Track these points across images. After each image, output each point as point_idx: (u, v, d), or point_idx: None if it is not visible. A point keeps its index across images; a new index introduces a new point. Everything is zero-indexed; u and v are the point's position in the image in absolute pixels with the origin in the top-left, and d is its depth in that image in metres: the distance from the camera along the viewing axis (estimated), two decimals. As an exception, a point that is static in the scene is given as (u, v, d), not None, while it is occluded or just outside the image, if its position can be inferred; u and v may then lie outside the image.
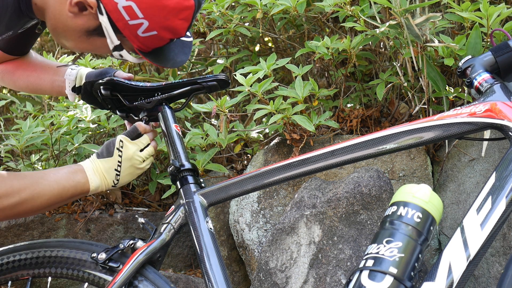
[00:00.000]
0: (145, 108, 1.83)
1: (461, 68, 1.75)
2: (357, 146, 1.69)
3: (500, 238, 2.04)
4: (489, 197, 1.57)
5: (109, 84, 1.81)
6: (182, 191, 1.77)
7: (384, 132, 1.68)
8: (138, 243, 1.74)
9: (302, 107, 2.21)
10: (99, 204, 2.54)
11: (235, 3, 2.49)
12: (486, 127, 1.64)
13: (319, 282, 1.99)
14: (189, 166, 1.78)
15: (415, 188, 1.69)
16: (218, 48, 2.87)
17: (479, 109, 1.64)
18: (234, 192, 1.76)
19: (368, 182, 2.05)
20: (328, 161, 1.70)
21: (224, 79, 1.81)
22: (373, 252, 1.63)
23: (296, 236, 2.05)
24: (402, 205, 1.66)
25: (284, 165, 1.73)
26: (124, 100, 1.83)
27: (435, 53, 2.18)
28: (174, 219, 1.75)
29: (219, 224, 2.37)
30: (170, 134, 1.82)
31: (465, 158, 2.20)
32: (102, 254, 1.73)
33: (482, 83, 1.70)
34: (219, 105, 2.25)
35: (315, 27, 2.61)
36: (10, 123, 3.14)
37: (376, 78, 2.43)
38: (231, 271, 2.37)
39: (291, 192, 2.27)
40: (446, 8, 2.26)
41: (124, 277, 1.68)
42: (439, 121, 1.66)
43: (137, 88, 1.82)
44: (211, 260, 1.67)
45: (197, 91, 1.83)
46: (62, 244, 1.80)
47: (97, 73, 1.87)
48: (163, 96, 1.82)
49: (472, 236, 1.54)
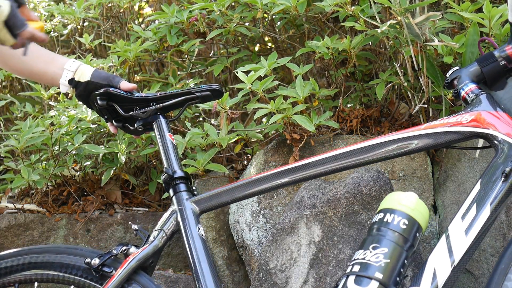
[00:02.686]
0: (140, 117, 1.87)
1: (448, 79, 1.78)
2: (342, 156, 1.73)
3: (500, 238, 2.04)
4: (474, 204, 1.61)
5: (105, 95, 1.84)
6: (174, 199, 1.81)
7: (370, 142, 1.73)
8: (131, 249, 1.77)
9: (303, 107, 2.21)
10: (99, 204, 2.54)
11: (235, 3, 2.49)
12: (472, 136, 1.69)
13: (319, 282, 1.99)
14: (181, 174, 1.82)
15: (402, 195, 1.72)
16: (218, 48, 2.86)
17: (465, 118, 1.68)
18: (225, 200, 1.80)
19: (368, 182, 2.05)
20: (318, 170, 1.74)
21: (217, 89, 1.85)
22: (360, 258, 1.66)
23: (296, 236, 2.05)
24: (389, 212, 1.69)
25: (274, 173, 1.77)
26: (120, 110, 1.86)
27: (435, 52, 2.18)
28: (167, 225, 1.78)
29: (219, 224, 2.37)
30: (164, 143, 1.85)
31: (465, 158, 2.20)
32: (95, 259, 1.75)
33: (469, 94, 1.73)
34: (219, 101, 2.25)
35: (315, 27, 2.61)
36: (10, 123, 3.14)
37: (376, 78, 2.42)
38: (231, 271, 2.37)
39: (291, 192, 2.27)
40: (446, 8, 2.26)
41: (117, 282, 1.71)
42: (427, 130, 1.70)
43: (133, 98, 1.85)
44: (202, 266, 1.71)
45: (191, 101, 1.86)
46: (53, 250, 1.83)
47: (104, 77, 1.87)
48: (158, 106, 1.86)
49: (456, 243, 1.59)
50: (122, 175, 2.54)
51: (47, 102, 2.78)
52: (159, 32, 2.60)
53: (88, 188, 2.59)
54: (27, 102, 2.83)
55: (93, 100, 1.86)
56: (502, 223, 2.04)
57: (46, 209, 2.51)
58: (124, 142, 2.45)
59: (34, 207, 2.53)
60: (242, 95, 2.31)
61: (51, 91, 2.68)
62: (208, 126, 2.32)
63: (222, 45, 2.78)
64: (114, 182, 2.62)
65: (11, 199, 2.67)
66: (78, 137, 2.43)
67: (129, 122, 1.90)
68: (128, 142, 2.46)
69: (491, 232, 2.06)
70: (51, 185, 2.60)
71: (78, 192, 2.59)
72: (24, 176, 2.42)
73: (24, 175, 2.42)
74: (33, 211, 2.51)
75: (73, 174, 2.62)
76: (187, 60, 2.78)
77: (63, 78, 1.88)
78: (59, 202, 2.58)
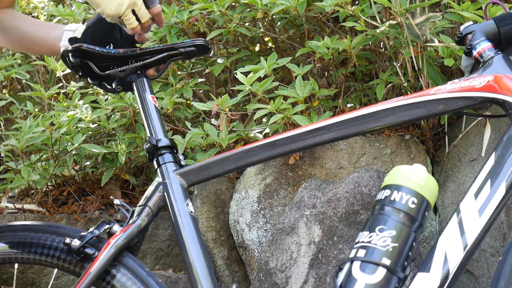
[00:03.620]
0: (118, 77, 1.71)
1: (461, 33, 1.62)
2: (348, 122, 1.57)
3: (500, 238, 2.04)
4: (488, 181, 1.45)
5: (78, 52, 1.68)
6: (159, 171, 1.65)
7: (376, 107, 1.56)
8: (114, 226, 1.62)
9: (303, 107, 2.21)
10: (99, 204, 2.54)
11: (235, 3, 2.49)
12: (485, 101, 1.51)
13: (319, 282, 1.99)
14: (166, 143, 1.65)
15: (410, 170, 1.58)
16: (218, 48, 2.87)
17: (478, 82, 1.51)
18: (216, 171, 1.63)
19: (368, 182, 2.05)
20: (317, 138, 1.58)
21: (203, 44, 1.69)
22: (365, 241, 1.54)
23: (296, 236, 2.05)
24: (396, 189, 1.56)
25: (269, 142, 1.61)
26: (95, 69, 1.69)
27: (435, 53, 2.18)
28: (152, 201, 1.64)
29: (219, 224, 2.37)
30: (145, 106, 1.68)
31: (465, 158, 2.20)
32: (75, 240, 1.60)
33: (483, 53, 1.57)
34: (219, 103, 2.26)
35: (315, 27, 2.61)
36: (10, 123, 3.14)
37: (376, 78, 2.43)
38: (231, 271, 2.37)
39: (291, 192, 2.27)
40: (446, 8, 2.26)
41: (101, 266, 1.58)
42: (436, 96, 1.53)
43: (109, 55, 1.68)
44: (191, 247, 1.57)
45: (174, 57, 1.70)
46: (34, 227, 1.69)
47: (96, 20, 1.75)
48: (138, 64, 1.69)
49: (469, 224, 1.44)
50: (122, 175, 2.54)
51: (47, 102, 2.78)
52: (159, 32, 2.60)
53: (88, 188, 2.59)
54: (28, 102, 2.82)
55: (65, 58, 1.71)
56: (502, 223, 2.04)
57: (46, 209, 2.51)
58: (124, 142, 2.45)
59: (34, 207, 2.53)
60: (242, 96, 2.31)
61: (51, 91, 2.69)
62: (208, 126, 2.32)
63: (222, 45, 2.78)
64: (114, 182, 2.62)
65: (11, 199, 2.67)
66: (78, 137, 2.42)
67: (106, 81, 1.74)
68: (128, 142, 2.46)
69: (491, 232, 2.06)
70: (51, 185, 2.60)
71: (78, 192, 2.59)
72: (24, 176, 2.42)
73: (24, 175, 2.42)
74: (33, 211, 2.51)
75: (73, 174, 2.62)
76: (187, 60, 2.78)
77: (63, 40, 1.78)
78: (59, 202, 2.58)
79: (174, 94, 2.48)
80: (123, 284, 1.60)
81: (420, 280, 1.45)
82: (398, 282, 1.51)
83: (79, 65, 1.71)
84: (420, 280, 1.45)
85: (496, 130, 2.12)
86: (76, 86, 2.74)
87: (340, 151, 2.25)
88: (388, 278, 1.49)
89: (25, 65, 3.14)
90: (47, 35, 1.85)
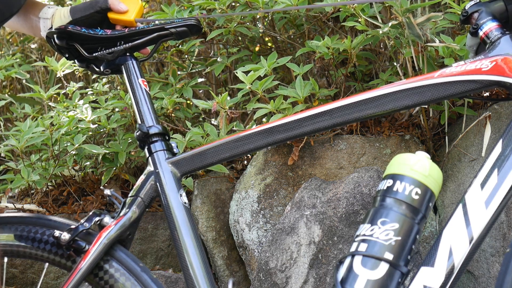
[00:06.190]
0: (107, 59, 1.63)
1: (466, 12, 1.52)
2: (348, 107, 1.49)
3: (500, 238, 2.04)
4: (495, 170, 1.37)
5: (64, 33, 1.60)
6: (150, 159, 1.57)
7: (377, 92, 1.48)
8: (105, 218, 1.54)
9: (303, 107, 2.21)
10: (99, 204, 2.54)
11: (235, 2, 2.49)
12: (492, 85, 1.43)
13: (319, 282, 1.99)
14: (158, 130, 1.57)
15: (413, 158, 1.50)
16: (218, 48, 2.87)
17: (485, 65, 1.43)
18: (210, 160, 1.55)
19: (368, 182, 2.05)
20: (316, 125, 1.51)
21: (195, 24, 1.61)
22: (367, 234, 1.46)
23: (296, 236, 2.05)
24: (399, 179, 1.47)
25: (266, 128, 1.52)
26: (82, 51, 1.61)
27: (436, 53, 2.18)
28: (143, 191, 1.56)
29: (219, 224, 2.37)
30: (135, 91, 1.60)
31: (465, 158, 2.20)
32: (65, 234, 1.51)
33: (489, 33, 1.48)
34: (219, 101, 2.25)
35: (316, 27, 2.61)
36: (10, 123, 3.14)
37: (376, 78, 2.42)
38: (231, 271, 2.37)
39: (291, 192, 2.27)
40: (446, 8, 2.26)
41: (92, 260, 1.50)
42: (440, 79, 1.45)
43: (96, 37, 1.61)
44: (185, 239, 1.50)
45: (165, 38, 1.61)
46: (27, 220, 1.60)
47: (85, 7, 1.63)
48: (127, 46, 1.61)
49: (475, 215, 1.37)
50: (122, 175, 2.54)
51: (46, 102, 2.78)
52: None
53: (88, 188, 2.59)
54: (26, 103, 2.82)
55: (50, 40, 1.63)
56: (502, 223, 2.04)
57: (46, 209, 2.51)
58: (124, 142, 2.45)
59: (34, 207, 2.53)
60: (242, 95, 2.31)
61: (50, 92, 2.69)
62: (208, 126, 2.32)
63: (222, 45, 2.78)
64: (114, 182, 2.62)
65: (11, 199, 2.67)
66: (78, 137, 2.43)
67: (94, 63, 1.65)
68: (128, 142, 2.46)
69: (491, 232, 2.06)
70: (51, 185, 2.60)
71: (78, 192, 2.59)
72: (24, 176, 2.42)
73: (24, 175, 2.42)
74: (33, 211, 2.51)
75: (73, 174, 2.62)
76: (187, 60, 2.78)
77: (42, 31, 1.68)
78: (59, 202, 2.58)
79: (174, 94, 2.48)
80: (116, 279, 1.52)
81: (423, 274, 1.39)
82: (401, 277, 1.44)
83: (65, 47, 1.63)
84: (423, 275, 1.39)
85: (496, 130, 2.11)
86: (76, 86, 2.74)
87: (340, 151, 2.25)
88: (391, 273, 1.43)
89: (25, 65, 3.14)
90: (30, 23, 1.72)
